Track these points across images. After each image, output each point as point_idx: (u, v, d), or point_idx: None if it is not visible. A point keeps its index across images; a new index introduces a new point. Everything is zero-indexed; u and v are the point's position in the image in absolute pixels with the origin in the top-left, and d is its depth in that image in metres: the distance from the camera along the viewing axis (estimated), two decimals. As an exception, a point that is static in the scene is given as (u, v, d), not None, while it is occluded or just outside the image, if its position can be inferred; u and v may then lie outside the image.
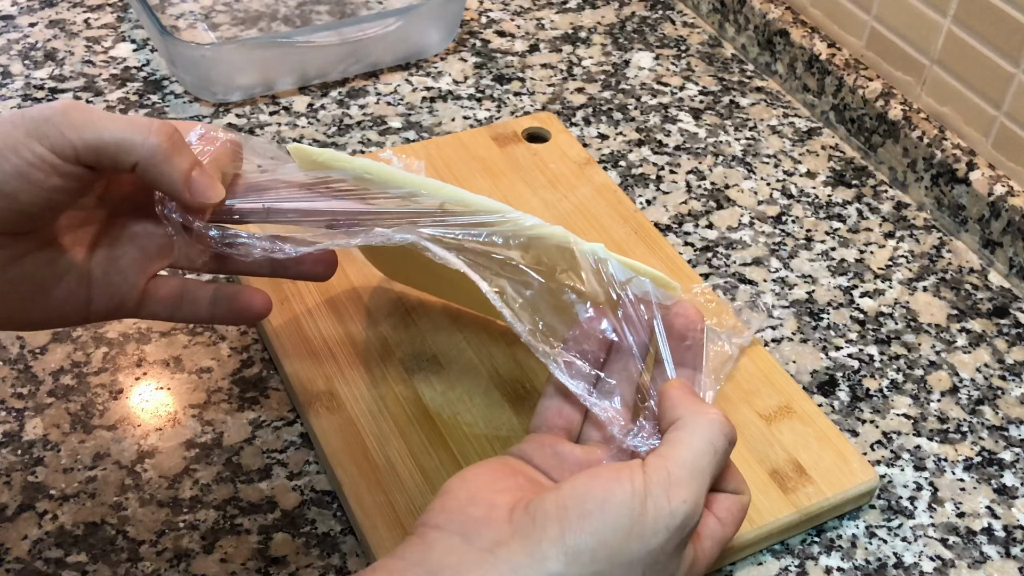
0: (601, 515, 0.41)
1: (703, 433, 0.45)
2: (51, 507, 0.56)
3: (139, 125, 0.44)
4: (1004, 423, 0.64)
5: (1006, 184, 0.72)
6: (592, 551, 0.41)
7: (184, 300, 0.51)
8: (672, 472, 0.43)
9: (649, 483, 0.42)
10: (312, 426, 0.59)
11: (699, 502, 0.43)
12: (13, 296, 0.46)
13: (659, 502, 0.42)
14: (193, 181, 0.46)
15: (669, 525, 0.42)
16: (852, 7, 0.83)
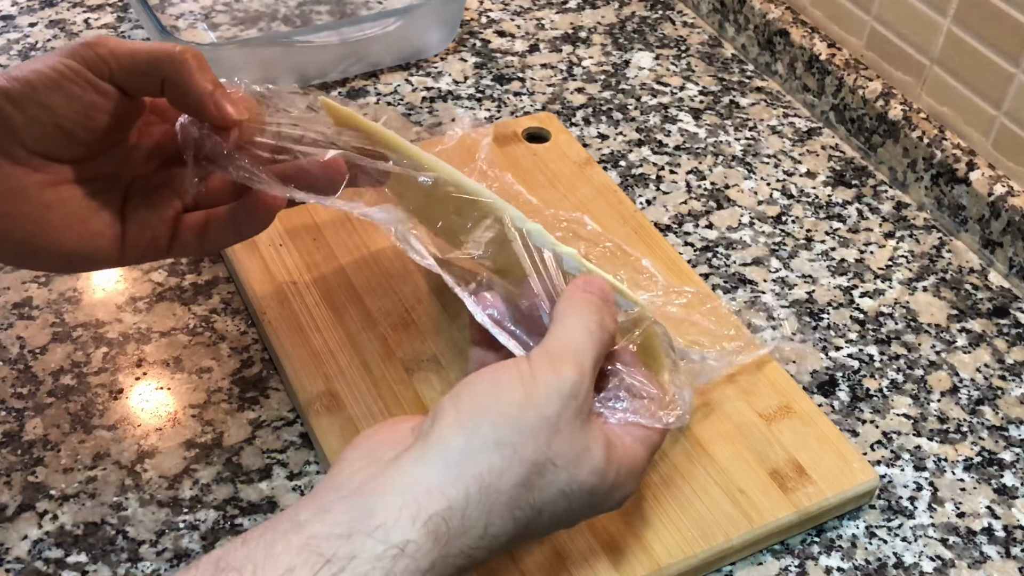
0: (494, 393, 0.43)
1: (574, 316, 0.47)
2: (51, 507, 0.56)
3: (167, 45, 0.48)
4: (1004, 423, 0.64)
5: (1006, 184, 0.72)
6: (491, 421, 0.42)
7: (210, 226, 0.53)
8: (551, 351, 0.45)
9: (533, 364, 0.44)
10: (312, 426, 0.59)
11: (583, 373, 0.45)
12: (51, 220, 0.48)
13: (546, 373, 0.44)
14: (217, 96, 0.49)
15: (560, 391, 0.43)
16: (852, 7, 0.83)
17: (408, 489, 0.40)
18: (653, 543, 0.54)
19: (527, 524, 0.44)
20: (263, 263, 0.67)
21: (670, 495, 0.56)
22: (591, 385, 0.45)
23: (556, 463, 0.43)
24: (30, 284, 0.68)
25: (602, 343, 0.47)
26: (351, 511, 0.40)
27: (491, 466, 0.41)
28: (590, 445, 0.45)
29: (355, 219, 0.70)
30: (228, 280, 0.69)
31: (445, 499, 0.40)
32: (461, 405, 0.43)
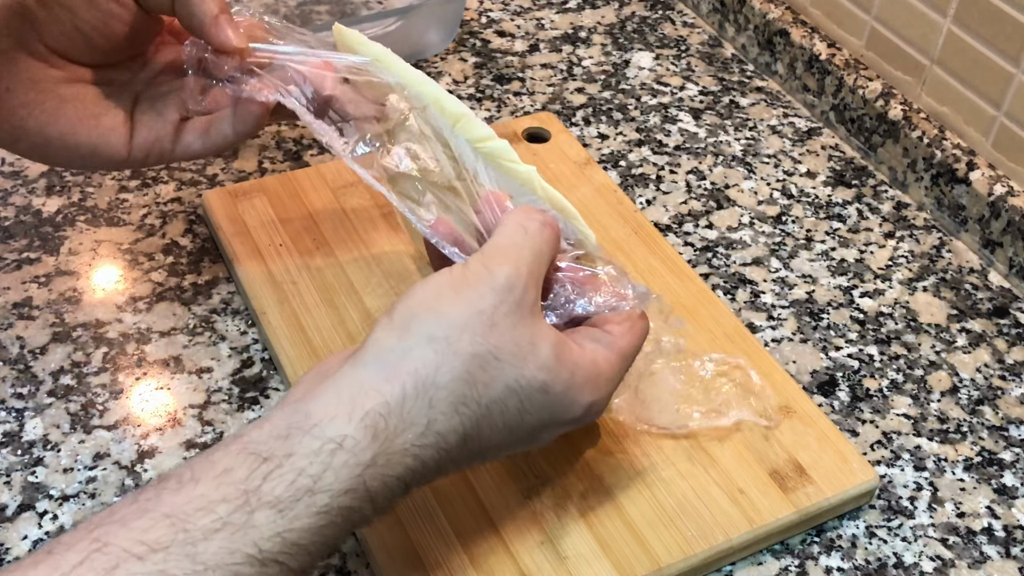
0: (423, 288, 0.43)
1: (511, 220, 0.46)
2: (51, 507, 0.56)
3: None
4: (1004, 423, 0.64)
5: (1006, 184, 0.72)
6: (421, 320, 0.42)
7: (211, 128, 0.56)
8: (486, 251, 0.45)
9: (467, 265, 0.44)
10: (312, 426, 0.59)
11: (519, 270, 0.44)
12: (66, 112, 0.52)
13: (477, 270, 0.44)
14: (220, 22, 0.52)
15: (493, 286, 0.43)
16: (852, 7, 0.83)
17: (344, 390, 0.40)
18: (653, 543, 0.54)
19: (476, 423, 0.43)
20: (263, 263, 0.67)
21: (670, 495, 0.56)
22: (530, 282, 0.44)
23: (498, 357, 0.42)
24: (30, 284, 0.68)
25: (541, 242, 0.46)
26: (288, 416, 0.40)
27: (425, 361, 0.41)
28: (535, 340, 0.43)
29: (355, 219, 0.70)
30: (228, 280, 0.69)
31: (380, 395, 0.40)
32: (394, 311, 0.43)
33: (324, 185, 0.73)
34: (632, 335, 0.48)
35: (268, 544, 0.37)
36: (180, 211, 0.74)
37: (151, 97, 0.56)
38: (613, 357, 0.47)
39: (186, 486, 0.38)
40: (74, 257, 0.70)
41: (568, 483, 0.56)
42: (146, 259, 0.70)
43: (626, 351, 0.47)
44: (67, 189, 0.74)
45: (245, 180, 0.76)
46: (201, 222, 0.73)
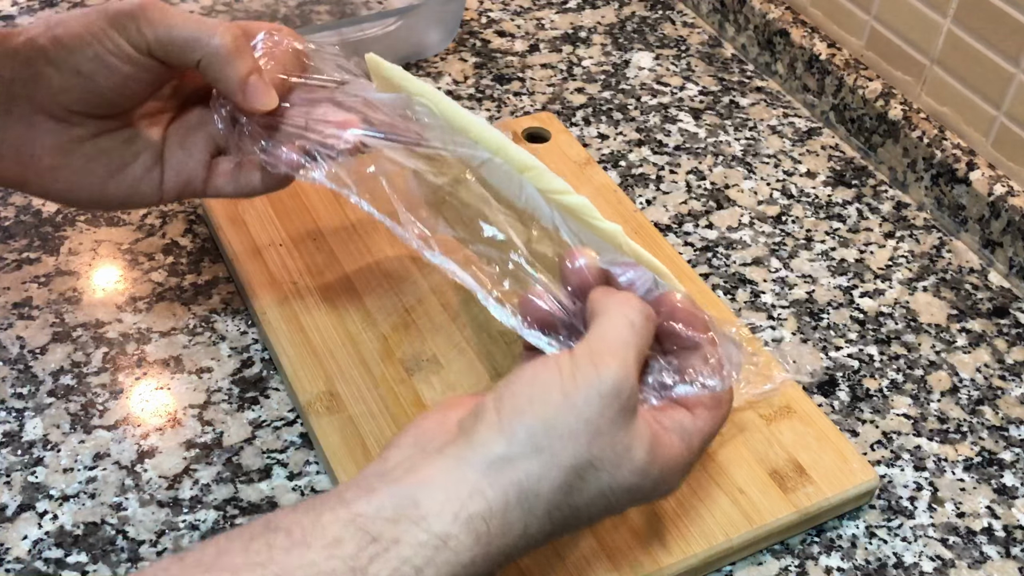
0: (531, 393, 0.43)
1: (617, 311, 0.46)
2: (51, 507, 0.56)
3: (207, 25, 0.48)
4: (1004, 423, 0.64)
5: (1006, 184, 0.72)
6: (528, 428, 0.42)
7: (241, 174, 0.55)
8: (594, 346, 0.44)
9: (575, 360, 0.43)
10: (312, 426, 0.59)
11: (627, 368, 0.43)
12: (94, 170, 0.50)
13: (586, 372, 0.43)
14: (249, 86, 0.50)
15: (600, 391, 0.43)
16: (852, 7, 0.83)
17: (451, 487, 0.41)
18: (653, 543, 0.54)
19: (564, 522, 0.44)
20: (263, 263, 0.67)
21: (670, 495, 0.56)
22: (636, 380, 0.44)
23: (596, 465, 0.43)
24: (30, 284, 0.68)
25: (646, 335, 0.46)
26: (396, 497, 0.41)
27: (529, 473, 0.42)
28: (632, 444, 0.44)
29: (355, 219, 0.70)
30: (228, 280, 0.69)
31: (485, 501, 0.41)
32: (502, 407, 0.43)
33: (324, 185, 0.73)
34: (716, 419, 0.48)
35: None
36: (180, 211, 0.74)
37: (180, 132, 0.54)
38: (696, 444, 0.47)
39: (297, 547, 0.39)
40: (74, 257, 0.70)
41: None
42: (146, 259, 0.70)
43: (709, 436, 0.48)
44: (67, 189, 0.74)
45: (245, 180, 0.76)
46: (201, 222, 0.73)
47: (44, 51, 0.47)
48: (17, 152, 0.49)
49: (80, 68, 0.47)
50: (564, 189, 0.51)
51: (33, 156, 0.50)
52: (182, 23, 0.48)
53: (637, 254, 0.51)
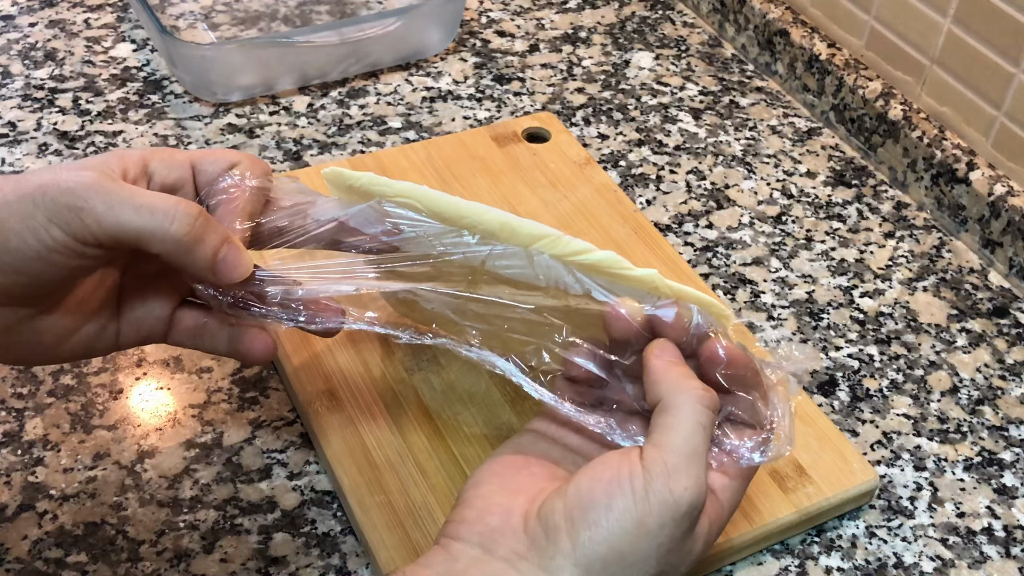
0: (607, 523, 0.42)
1: (689, 413, 0.44)
2: (51, 507, 0.56)
3: (161, 213, 0.43)
4: (1004, 423, 0.64)
5: (1006, 184, 0.72)
6: (603, 559, 0.42)
7: (205, 333, 0.50)
8: (668, 462, 0.43)
9: (648, 479, 0.43)
10: (312, 426, 0.59)
11: (700, 484, 0.43)
12: (45, 340, 0.46)
13: (662, 496, 0.42)
14: (219, 263, 0.46)
15: (675, 516, 0.43)
16: (852, 7, 0.83)
17: None
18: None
19: None
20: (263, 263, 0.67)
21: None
22: (707, 489, 0.44)
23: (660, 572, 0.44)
24: (30, 284, 0.68)
25: (713, 427, 0.46)
26: None
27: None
28: (694, 548, 0.44)
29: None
30: (228, 280, 0.69)
31: None
32: (576, 533, 0.42)
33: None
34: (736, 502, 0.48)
35: None
36: (180, 211, 0.73)
37: (137, 285, 0.49)
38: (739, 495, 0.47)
39: None
40: (74, 257, 0.70)
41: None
42: (146, 259, 0.70)
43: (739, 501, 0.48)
44: (67, 189, 0.74)
45: (245, 180, 0.76)
46: (201, 222, 0.73)
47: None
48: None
49: (22, 269, 0.43)
50: (585, 248, 0.48)
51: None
52: (133, 214, 0.43)
53: (677, 292, 0.49)
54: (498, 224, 0.48)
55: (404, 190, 0.49)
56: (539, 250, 0.48)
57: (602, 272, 0.48)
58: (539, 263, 0.49)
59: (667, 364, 0.47)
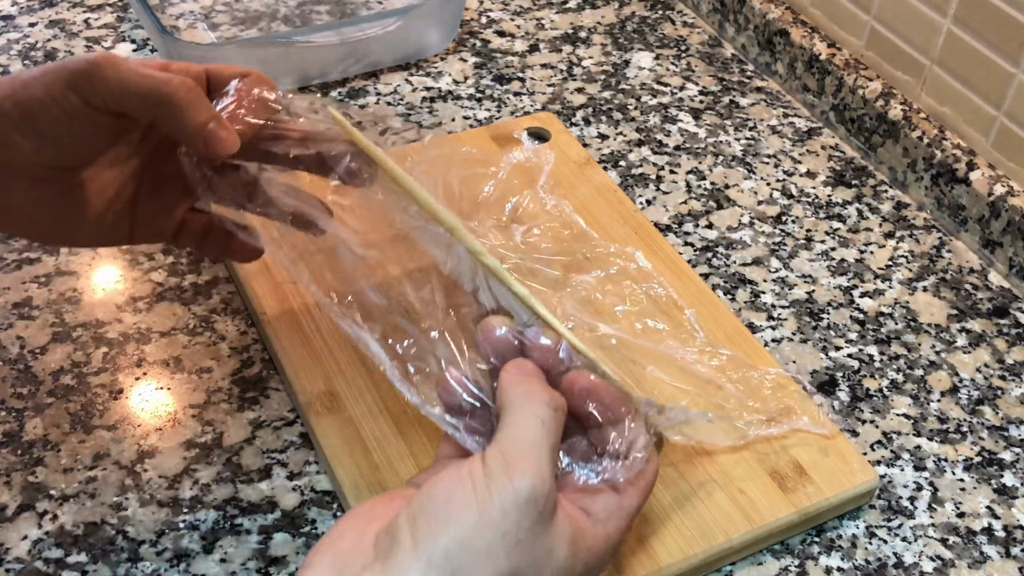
0: (447, 515, 0.41)
1: (527, 409, 0.45)
2: (51, 507, 0.56)
3: (160, 79, 0.48)
4: (1004, 423, 0.64)
5: (1006, 184, 0.72)
6: (445, 551, 0.41)
7: (209, 237, 0.56)
8: (507, 452, 0.43)
9: (488, 470, 0.42)
10: (312, 426, 0.59)
11: (542, 473, 0.43)
12: (67, 220, 0.51)
13: (500, 483, 0.42)
14: (208, 133, 0.50)
15: (516, 502, 0.42)
16: (852, 7, 0.83)
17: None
18: (653, 543, 0.54)
19: None
20: (263, 263, 0.67)
21: (670, 495, 0.56)
22: (552, 481, 0.43)
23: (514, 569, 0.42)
24: (30, 284, 0.68)
25: (556, 429, 0.46)
26: None
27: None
28: (553, 546, 0.43)
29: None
30: (228, 280, 0.69)
31: None
32: (416, 529, 0.42)
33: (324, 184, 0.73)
34: (643, 491, 0.47)
35: None
36: (180, 211, 0.74)
37: (152, 184, 0.54)
38: (623, 523, 0.46)
39: None
40: (74, 257, 0.70)
41: (568, 483, 0.56)
42: (146, 259, 0.70)
43: (633, 510, 0.47)
44: (67, 189, 0.74)
45: (245, 180, 0.76)
46: (201, 222, 0.73)
47: (10, 118, 0.48)
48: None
49: (44, 132, 0.48)
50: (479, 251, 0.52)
51: (11, 211, 0.51)
52: (136, 79, 0.48)
53: (547, 321, 0.50)
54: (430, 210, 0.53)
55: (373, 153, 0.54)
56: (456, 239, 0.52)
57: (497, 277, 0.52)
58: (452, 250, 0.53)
59: (517, 376, 0.47)
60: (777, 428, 0.59)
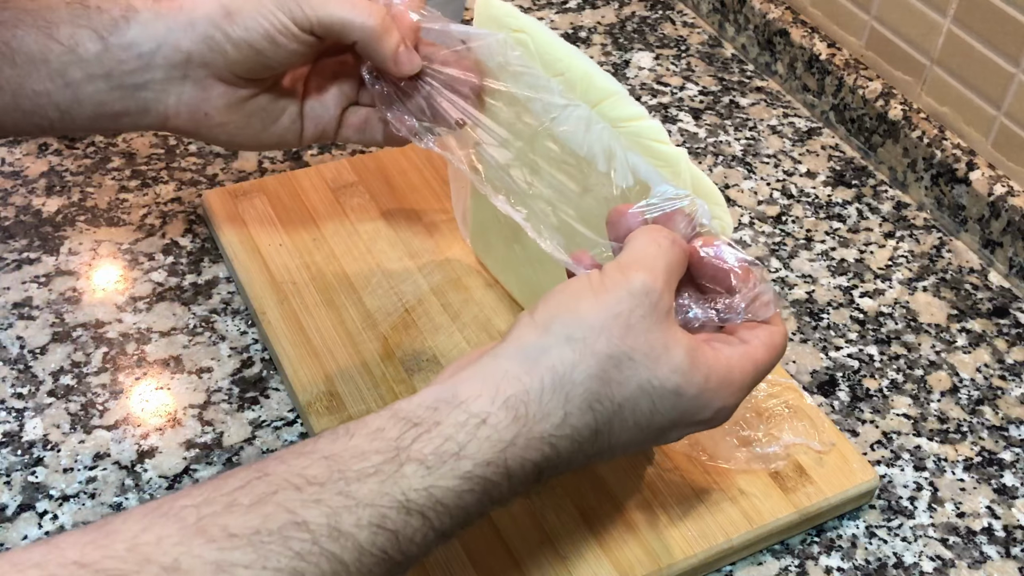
0: (564, 299, 0.45)
1: (644, 235, 0.47)
2: (51, 507, 0.56)
3: (362, 7, 0.55)
4: (1004, 423, 0.64)
5: (1006, 184, 0.72)
6: (561, 320, 0.44)
7: (367, 127, 0.61)
8: (621, 260, 0.46)
9: (604, 272, 0.46)
10: (312, 426, 0.59)
11: (655, 277, 0.45)
12: (253, 124, 0.58)
13: (615, 278, 0.45)
14: (399, 55, 0.56)
15: (630, 290, 0.44)
16: (852, 7, 0.83)
17: (488, 377, 0.43)
18: (653, 543, 0.54)
19: (608, 420, 0.44)
20: (263, 263, 0.67)
21: (670, 495, 0.56)
22: (665, 289, 0.45)
23: (632, 358, 0.44)
24: (30, 284, 0.68)
25: (673, 256, 0.47)
26: (436, 392, 0.43)
27: (563, 359, 0.43)
28: (669, 344, 0.44)
29: (355, 219, 0.70)
30: (228, 280, 0.69)
31: (520, 384, 0.43)
32: (535, 311, 0.45)
33: (324, 185, 0.73)
34: (769, 349, 0.48)
35: (415, 495, 0.40)
36: (180, 211, 0.74)
37: (317, 87, 0.60)
38: (748, 365, 0.47)
39: (341, 439, 0.41)
40: (74, 257, 0.70)
41: (568, 483, 0.56)
42: (146, 259, 0.70)
43: (761, 363, 0.48)
44: (67, 189, 0.74)
45: (245, 180, 0.76)
46: (201, 222, 0.73)
47: (222, 28, 0.54)
48: (192, 111, 0.56)
49: (253, 44, 0.54)
50: (639, 115, 0.53)
51: (206, 114, 0.57)
52: (338, 5, 0.55)
53: (696, 177, 0.51)
54: (582, 72, 0.55)
55: (525, 24, 0.57)
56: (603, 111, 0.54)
57: (639, 144, 0.53)
58: (593, 132, 0.54)
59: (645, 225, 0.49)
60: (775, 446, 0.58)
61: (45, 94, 0.55)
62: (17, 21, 0.54)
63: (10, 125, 0.56)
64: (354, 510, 0.39)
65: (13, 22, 0.54)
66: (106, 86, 0.55)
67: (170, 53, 0.55)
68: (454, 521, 0.41)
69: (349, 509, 0.39)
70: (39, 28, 0.54)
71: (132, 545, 0.36)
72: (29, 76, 0.54)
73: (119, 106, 0.56)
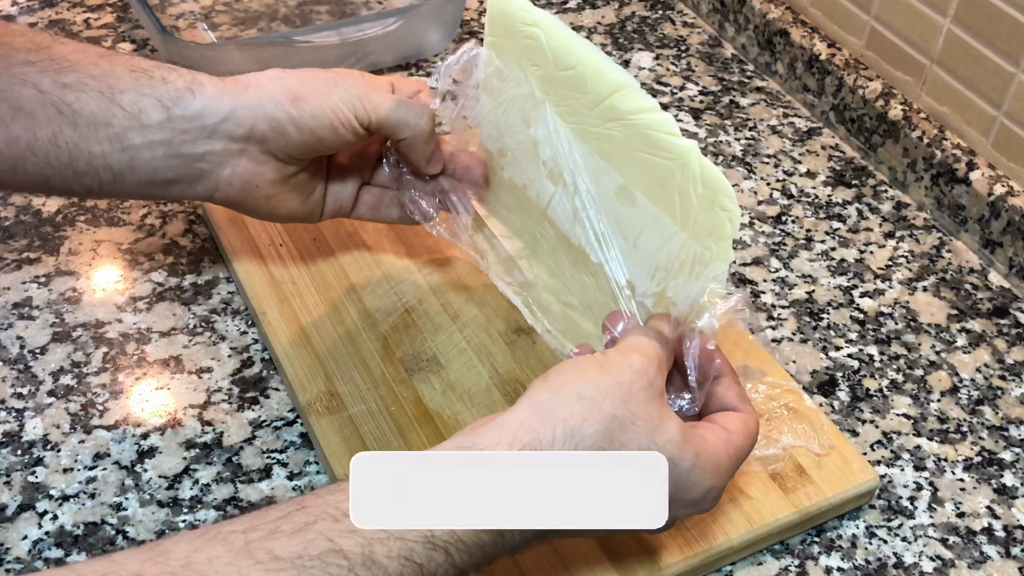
0: (571, 364, 0.48)
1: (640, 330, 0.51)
2: (51, 507, 0.56)
3: (416, 109, 0.59)
4: (1004, 423, 0.64)
5: (1006, 184, 0.72)
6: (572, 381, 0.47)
7: (381, 206, 0.65)
8: (621, 347, 0.50)
9: (606, 352, 0.49)
10: (312, 426, 0.59)
11: (650, 358, 0.49)
12: (293, 198, 0.61)
13: (615, 357, 0.49)
14: (433, 158, 0.61)
15: (630, 366, 0.48)
16: (852, 7, 0.83)
17: (504, 427, 0.45)
18: (653, 543, 0.54)
19: None
20: (263, 263, 0.67)
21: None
22: (659, 373, 0.49)
23: (635, 422, 0.46)
24: (30, 284, 0.68)
25: (665, 352, 0.50)
26: (456, 443, 0.46)
27: (573, 413, 0.46)
28: (664, 417, 0.47)
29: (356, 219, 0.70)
30: (228, 280, 0.69)
31: (535, 433, 0.45)
32: (547, 377, 0.48)
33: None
34: (747, 436, 0.50)
35: (439, 531, 0.42)
36: (180, 211, 0.74)
37: (339, 169, 0.64)
38: (732, 450, 0.49)
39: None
40: (74, 257, 0.70)
41: (568, 483, 0.56)
42: (146, 259, 0.70)
43: (742, 449, 0.50)
44: (67, 189, 0.74)
45: (245, 180, 0.76)
46: (201, 222, 0.73)
47: (288, 112, 0.57)
48: (244, 183, 0.59)
49: (316, 131, 0.57)
50: (650, 107, 0.53)
51: (256, 186, 0.59)
52: (394, 105, 0.59)
53: (707, 172, 0.51)
54: (593, 65, 0.55)
55: (538, 17, 0.58)
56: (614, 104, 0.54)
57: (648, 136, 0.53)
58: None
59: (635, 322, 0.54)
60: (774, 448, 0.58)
61: (101, 156, 0.56)
62: (82, 85, 0.55)
63: (60, 184, 0.57)
64: (385, 542, 0.41)
65: (79, 86, 0.55)
66: (164, 153, 0.56)
67: (233, 128, 0.57)
68: (472, 559, 0.44)
69: (381, 541, 0.41)
70: (102, 93, 0.55)
71: (187, 563, 0.38)
72: (88, 139, 0.55)
73: (173, 174, 0.57)
